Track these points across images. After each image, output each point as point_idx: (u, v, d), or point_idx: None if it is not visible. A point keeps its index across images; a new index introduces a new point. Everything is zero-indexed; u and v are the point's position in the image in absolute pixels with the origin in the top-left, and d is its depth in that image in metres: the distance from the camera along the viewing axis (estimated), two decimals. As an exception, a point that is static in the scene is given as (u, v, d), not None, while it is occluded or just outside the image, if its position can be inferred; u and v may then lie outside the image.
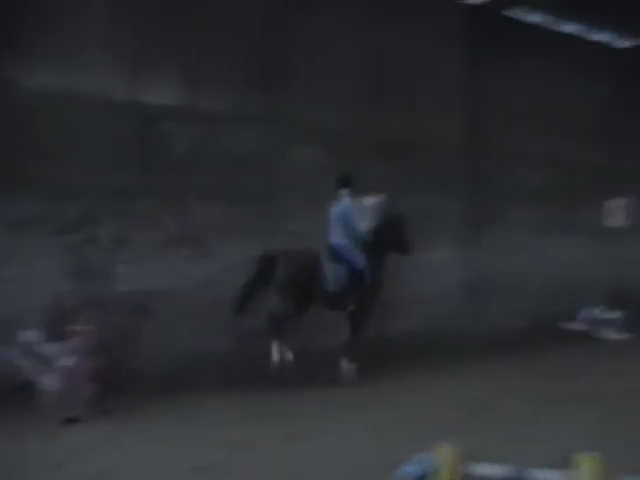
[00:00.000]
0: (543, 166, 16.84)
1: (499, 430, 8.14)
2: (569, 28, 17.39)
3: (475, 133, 15.66)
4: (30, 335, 9.02)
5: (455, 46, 15.48)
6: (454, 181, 15.10)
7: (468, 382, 10.90)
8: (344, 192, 11.27)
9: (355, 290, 11.07)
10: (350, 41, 13.66)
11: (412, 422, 8.55)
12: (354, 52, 13.71)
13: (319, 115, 13.17)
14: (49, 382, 8.62)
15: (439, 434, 5.72)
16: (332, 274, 10.91)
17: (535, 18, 16.67)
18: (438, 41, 15.12)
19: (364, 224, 11.84)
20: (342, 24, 13.55)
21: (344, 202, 11.23)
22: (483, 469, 5.22)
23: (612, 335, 15.28)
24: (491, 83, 15.96)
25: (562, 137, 17.24)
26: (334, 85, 13.38)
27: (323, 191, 12.80)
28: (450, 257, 14.95)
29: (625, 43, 18.65)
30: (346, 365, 11.01)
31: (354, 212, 11.23)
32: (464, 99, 15.59)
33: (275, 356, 10.61)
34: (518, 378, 11.24)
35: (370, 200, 13.14)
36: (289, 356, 10.67)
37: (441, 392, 10.22)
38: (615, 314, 15.77)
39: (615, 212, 18.35)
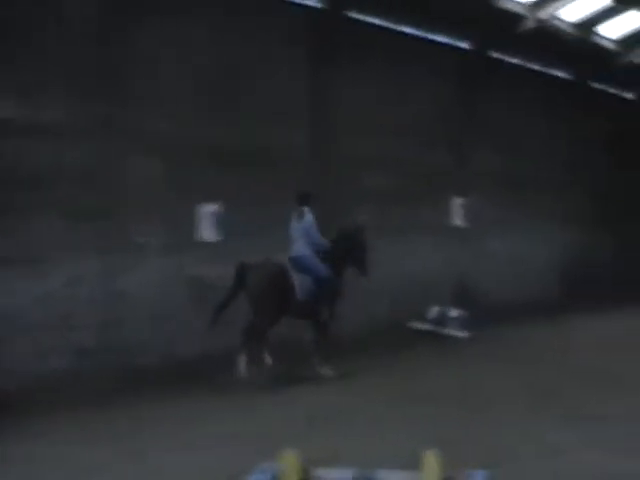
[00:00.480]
0: (388, 168, 17.16)
1: (348, 433, 8.58)
2: (412, 30, 17.97)
3: (319, 137, 15.81)
4: None
5: (298, 49, 15.54)
6: (296, 187, 14.28)
7: (315, 388, 11.29)
8: (305, 209, 12.27)
9: (323, 298, 12.15)
10: (190, 50, 13.57)
11: (260, 431, 8.84)
12: (194, 61, 13.62)
13: (159, 126, 13.07)
14: None
15: (286, 441, 6.06)
16: (300, 284, 11.89)
17: (378, 20, 17.06)
18: (280, 45, 15.10)
19: (207, 232, 12.93)
20: (181, 33, 13.44)
21: (307, 218, 12.18)
22: (329, 474, 5.63)
23: (457, 333, 15.97)
24: (335, 86, 16.07)
25: (407, 138, 17.67)
26: (174, 95, 13.31)
27: (164, 203, 13.12)
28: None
29: (467, 43, 19.50)
30: (323, 367, 11.98)
31: (315, 227, 12.19)
32: (308, 103, 15.70)
33: (242, 369, 11.40)
34: (366, 380, 11.71)
35: (208, 208, 13.70)
36: (268, 361, 11.64)
37: (285, 397, 10.70)
38: (459, 312, 16.44)
39: (459, 211, 19.28)
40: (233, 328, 12.50)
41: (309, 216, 12.25)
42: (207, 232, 13.79)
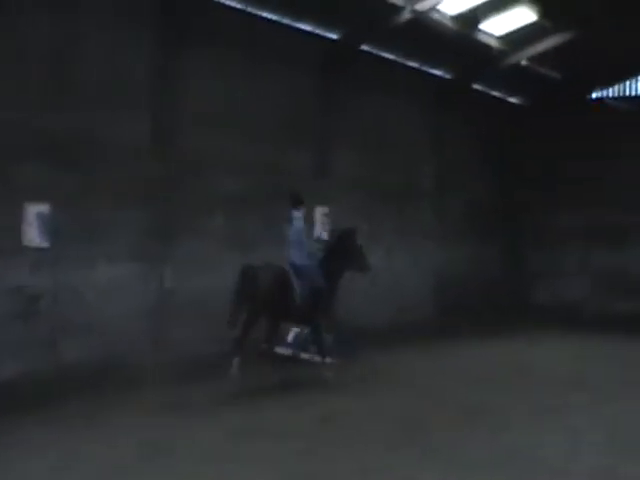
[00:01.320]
0: (243, 171, 16.93)
1: (185, 471, 8.69)
2: (272, 15, 17.73)
3: (163, 134, 15.41)
4: None
5: (144, 33, 15.12)
6: (137, 187, 14.79)
7: (145, 420, 11.02)
8: (295, 213, 13.42)
9: (318, 305, 13.47)
10: (29, 29, 13.19)
11: (88, 465, 8.86)
12: (25, 43, 13.19)
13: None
14: None
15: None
16: (298, 289, 13.13)
17: (236, 3, 16.79)
18: (124, 28, 14.78)
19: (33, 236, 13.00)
20: (22, 11, 13.07)
21: (296, 224, 13.29)
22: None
23: (318, 359, 15.19)
24: (184, 75, 15.75)
25: (263, 137, 17.47)
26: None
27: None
28: (129, 274, 14.66)
29: (333, 34, 19.21)
30: (325, 368, 13.83)
31: (305, 233, 13.46)
32: (151, 93, 15.37)
33: (235, 371, 12.63)
34: (208, 412, 11.64)
35: (35, 208, 13.47)
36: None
37: (109, 432, 10.40)
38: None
39: (321, 221, 19.03)
40: (66, 345, 13.15)
41: (298, 222, 13.30)
42: (33, 236, 13.40)
